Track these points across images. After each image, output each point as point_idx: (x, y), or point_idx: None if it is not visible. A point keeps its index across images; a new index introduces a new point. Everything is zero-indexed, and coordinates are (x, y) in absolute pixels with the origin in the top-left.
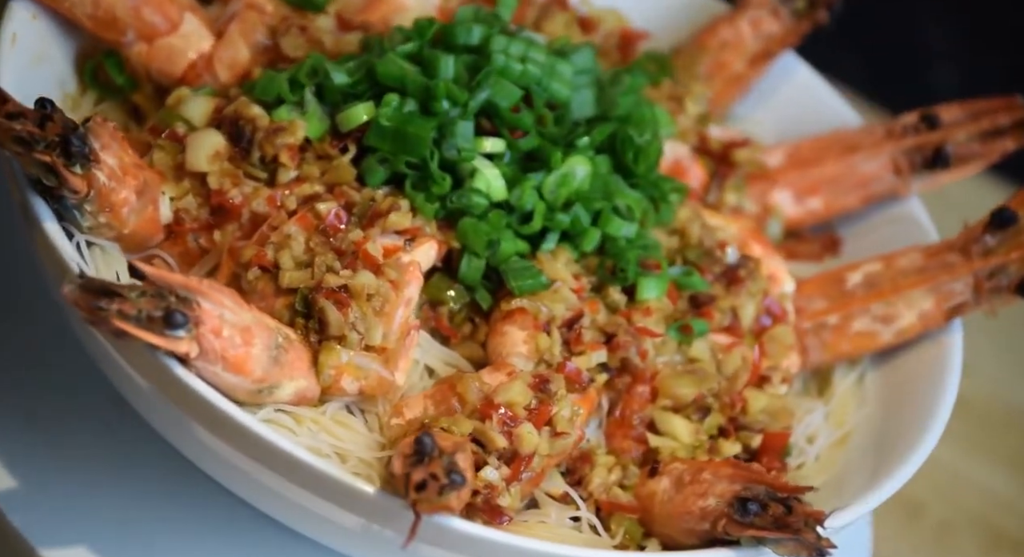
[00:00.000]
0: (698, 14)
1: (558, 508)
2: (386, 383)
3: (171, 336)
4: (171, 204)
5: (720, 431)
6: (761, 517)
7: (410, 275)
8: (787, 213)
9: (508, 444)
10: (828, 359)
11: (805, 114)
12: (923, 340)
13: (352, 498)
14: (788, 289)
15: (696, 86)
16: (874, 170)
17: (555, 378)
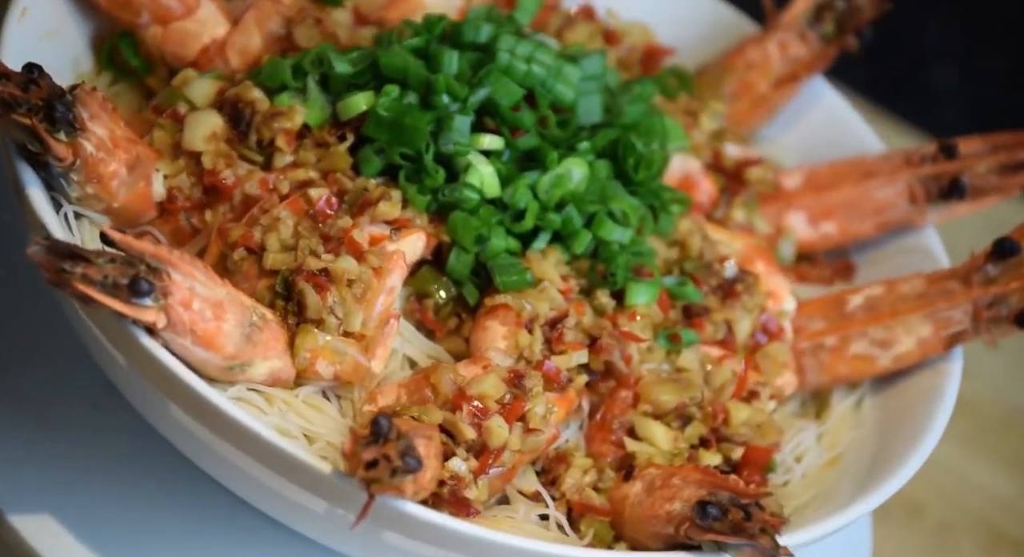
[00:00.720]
0: (728, 34)
1: (527, 505)
2: (362, 370)
3: (137, 304)
4: (165, 182)
5: (701, 441)
6: (721, 522)
7: (393, 264)
8: (801, 236)
9: (477, 436)
10: (826, 381)
11: (831, 140)
12: (922, 367)
13: (309, 477)
14: (788, 308)
15: (713, 102)
16: (890, 197)
17: (532, 375)
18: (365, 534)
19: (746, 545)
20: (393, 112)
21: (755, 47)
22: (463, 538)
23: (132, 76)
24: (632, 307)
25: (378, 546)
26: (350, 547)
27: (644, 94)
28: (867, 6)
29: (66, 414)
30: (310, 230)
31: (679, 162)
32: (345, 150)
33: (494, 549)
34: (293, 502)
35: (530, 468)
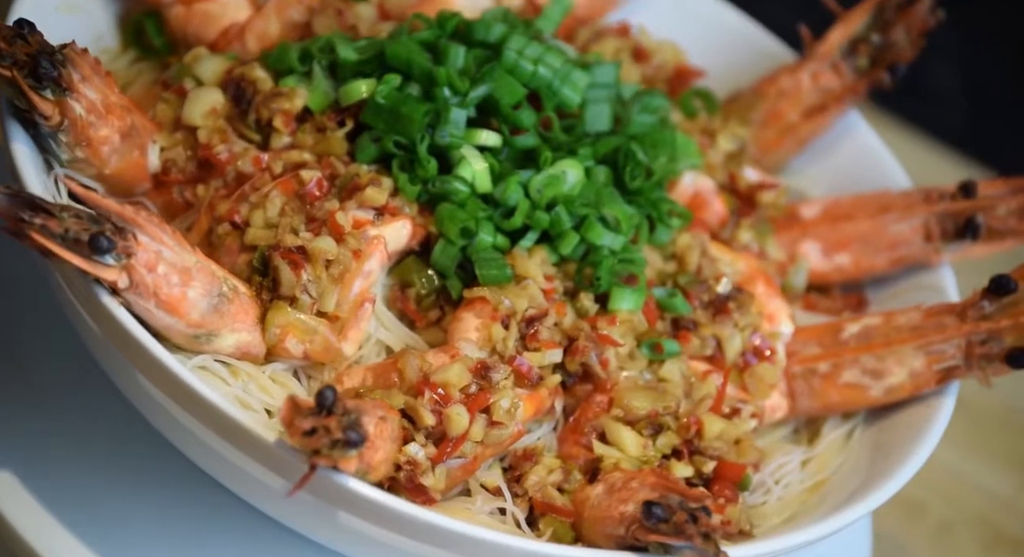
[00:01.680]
0: (765, 62)
1: (486, 497)
2: (333, 350)
3: (97, 261)
4: (161, 154)
5: (674, 452)
6: (665, 523)
7: (373, 248)
8: (814, 265)
9: (437, 423)
10: (817, 408)
11: (860, 175)
12: (915, 402)
13: (255, 446)
14: (784, 331)
15: (734, 125)
16: (904, 233)
17: (500, 368)
18: (321, 513)
19: (687, 547)
20: (391, 100)
21: (788, 76)
22: (407, 519)
23: (155, 55)
24: (614, 312)
25: (335, 527)
26: (310, 526)
27: (653, 106)
28: (903, 45)
29: (67, 414)
30: (297, 210)
31: (691, 179)
32: (343, 136)
33: (440, 534)
34: (253, 477)
35: (497, 464)
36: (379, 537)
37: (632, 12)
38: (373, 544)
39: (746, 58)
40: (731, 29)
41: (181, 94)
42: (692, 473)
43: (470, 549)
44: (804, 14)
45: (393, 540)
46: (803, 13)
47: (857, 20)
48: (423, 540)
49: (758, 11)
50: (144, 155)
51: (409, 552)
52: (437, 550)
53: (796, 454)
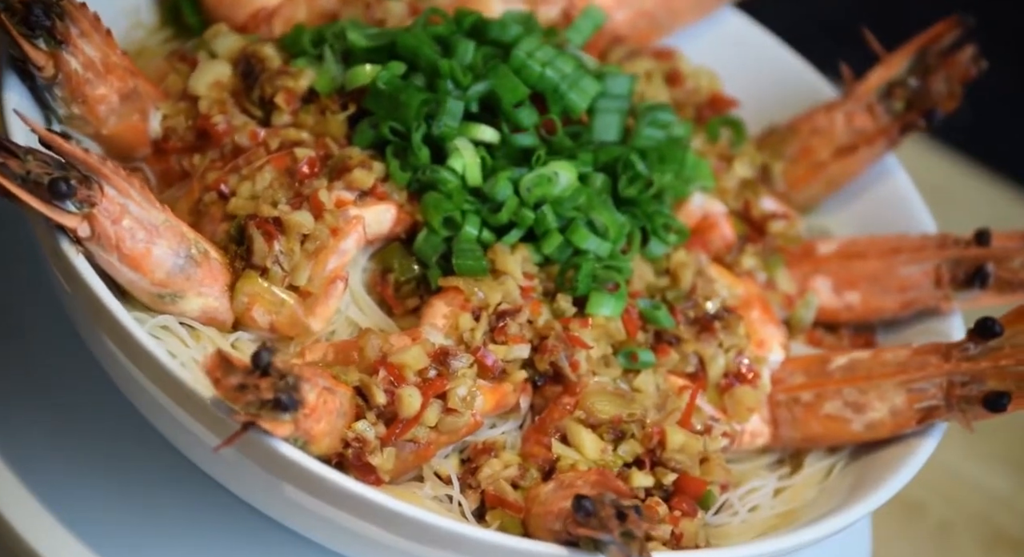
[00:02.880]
0: (807, 97)
1: (436, 484)
2: (299, 324)
3: (57, 206)
4: (163, 122)
5: (637, 461)
6: (593, 517)
7: (351, 228)
8: (824, 301)
9: (388, 403)
10: (800, 438)
11: (889, 218)
12: (897, 441)
13: (192, 402)
14: (774, 358)
15: (755, 154)
16: (915, 276)
17: (461, 357)
18: (267, 485)
19: (610, 542)
20: (391, 87)
21: (823, 114)
22: (341, 491)
23: (189, 34)
24: (590, 316)
25: (282, 501)
26: (257, 498)
27: (662, 121)
28: (942, 92)
29: (66, 414)
30: (285, 186)
31: (701, 201)
32: (344, 119)
33: (375, 511)
34: (199, 438)
35: (456, 455)
36: (325, 513)
37: (683, 41)
38: (325, 524)
39: (790, 93)
40: (779, 63)
41: (193, 65)
42: (652, 483)
43: (397, 525)
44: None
45: (336, 516)
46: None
47: (898, 63)
48: (362, 516)
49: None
50: (145, 120)
51: (356, 531)
52: (375, 528)
53: (771, 481)
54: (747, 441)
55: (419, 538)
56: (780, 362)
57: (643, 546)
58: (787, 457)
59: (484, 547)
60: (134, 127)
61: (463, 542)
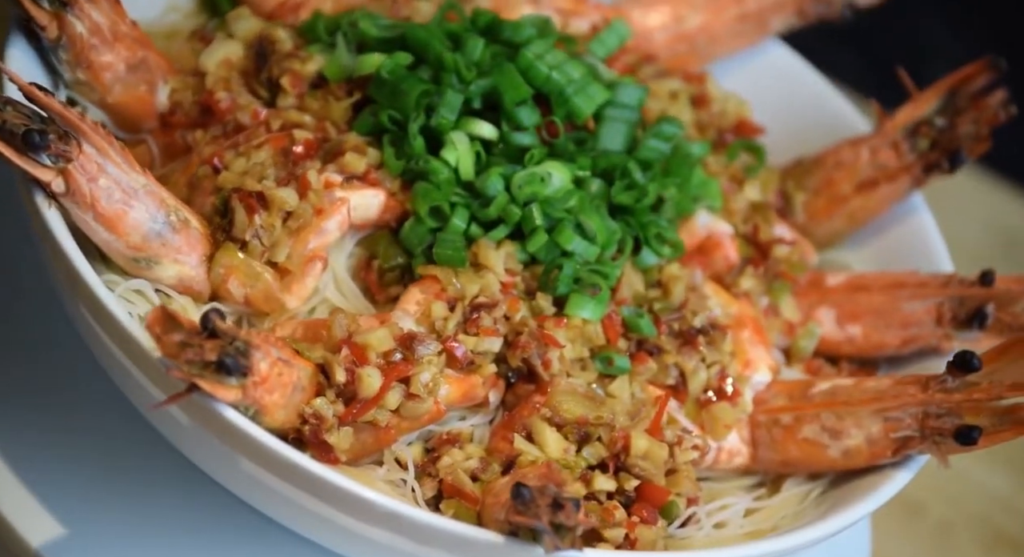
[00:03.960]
0: (841, 130)
1: (393, 468)
2: (274, 300)
3: (31, 158)
4: (171, 96)
5: (601, 464)
6: (529, 506)
7: (335, 209)
8: (826, 332)
9: (348, 381)
10: (778, 461)
11: (911, 260)
12: (873, 471)
13: (142, 358)
14: (759, 379)
15: (773, 180)
16: (917, 312)
17: (429, 344)
18: (222, 457)
19: (543, 531)
20: (394, 76)
21: (849, 148)
22: (279, 460)
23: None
24: (567, 317)
25: (239, 475)
26: (219, 472)
27: (666, 134)
28: (968, 135)
29: (66, 414)
30: (280, 165)
31: (707, 220)
32: (347, 106)
33: (312, 481)
34: (148, 392)
35: (420, 443)
36: (275, 486)
37: (724, 68)
38: (279, 500)
39: (827, 128)
40: (819, 99)
41: (208, 44)
42: (614, 488)
43: (336, 499)
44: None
45: (283, 489)
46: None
47: (928, 102)
48: (303, 487)
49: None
50: (153, 93)
51: (306, 507)
52: (318, 502)
53: (743, 500)
54: (724, 460)
55: (356, 514)
56: (766, 384)
57: (575, 539)
58: (768, 481)
59: (418, 526)
60: (141, 98)
61: (397, 519)
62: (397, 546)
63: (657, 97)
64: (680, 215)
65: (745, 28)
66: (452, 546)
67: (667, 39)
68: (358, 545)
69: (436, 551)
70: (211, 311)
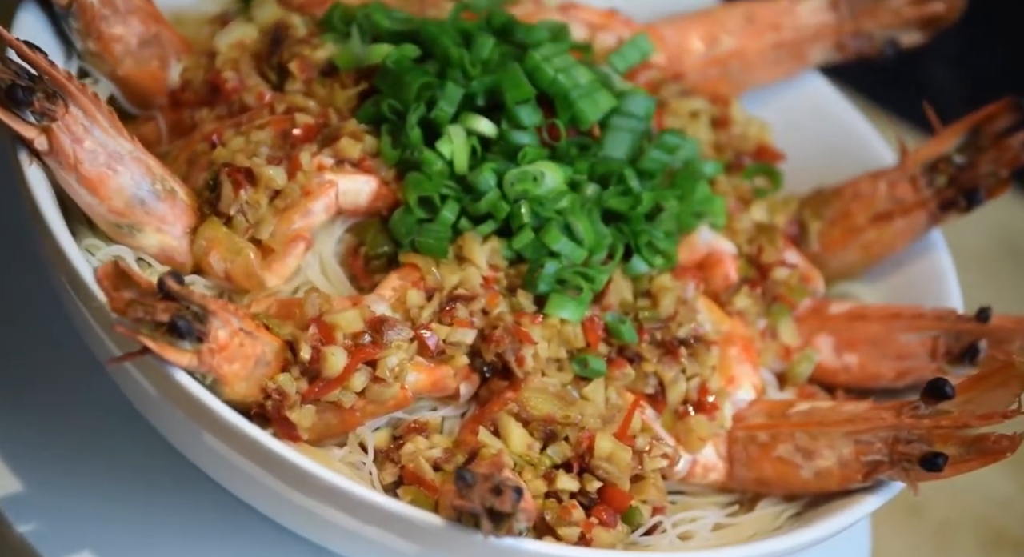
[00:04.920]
0: (869, 166)
1: (354, 450)
2: (254, 277)
3: (14, 113)
4: (182, 74)
5: (566, 464)
6: (470, 489)
7: (322, 191)
8: (823, 359)
9: (313, 360)
10: (753, 479)
11: (924, 298)
12: (843, 495)
13: (103, 317)
14: (742, 397)
15: (788, 206)
16: (912, 345)
17: (399, 329)
18: (187, 429)
19: (479, 514)
20: (398, 67)
21: (869, 180)
22: (236, 433)
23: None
24: (545, 315)
25: (199, 446)
26: (180, 440)
27: (669, 144)
28: (986, 175)
29: (67, 414)
30: (277, 147)
31: (709, 237)
32: (353, 94)
33: (278, 463)
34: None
35: (388, 430)
36: (229, 457)
37: (760, 99)
38: (236, 474)
39: (857, 161)
40: (854, 137)
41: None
42: (576, 488)
43: (282, 472)
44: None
45: (235, 460)
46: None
47: (950, 139)
48: (259, 462)
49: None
50: (164, 69)
51: (269, 487)
52: (272, 478)
53: (714, 515)
54: (700, 474)
55: (302, 487)
56: (748, 402)
57: (512, 526)
58: (745, 501)
59: (361, 504)
60: (152, 74)
61: (339, 495)
62: (353, 529)
63: (677, 115)
64: (681, 229)
65: (781, 57)
66: (396, 527)
67: (699, 61)
68: (310, 523)
69: (385, 533)
70: (168, 273)
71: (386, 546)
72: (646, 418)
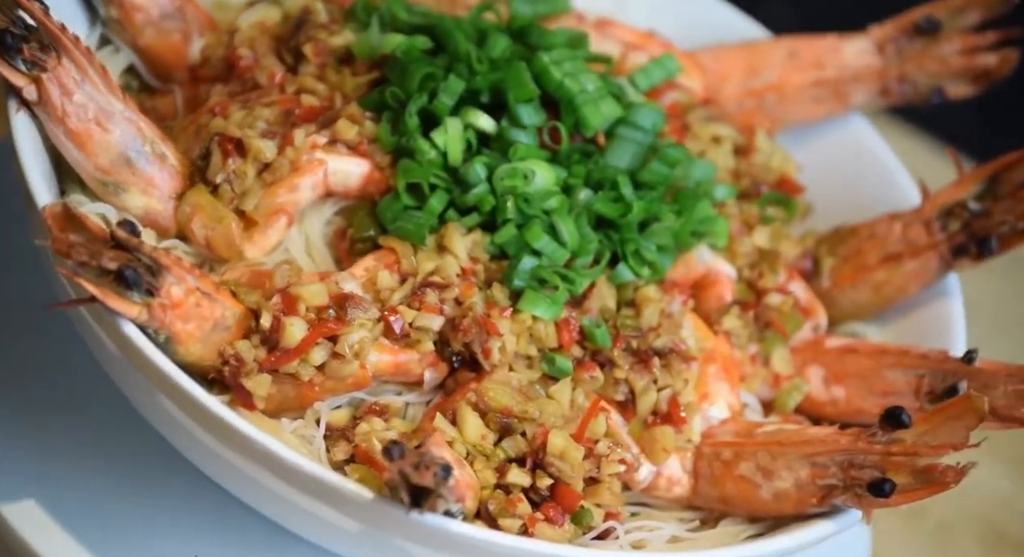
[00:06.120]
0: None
1: (309, 425)
2: (233, 246)
3: (5, 60)
4: (203, 49)
5: (521, 459)
6: (393, 460)
7: (310, 168)
8: (812, 390)
9: (273, 329)
10: (716, 497)
11: (930, 342)
12: (808, 519)
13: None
14: (714, 414)
15: (802, 240)
16: (898, 383)
17: (364, 307)
18: (144, 390)
19: (399, 487)
20: (406, 57)
21: (886, 221)
22: (202, 410)
23: None
24: (517, 310)
25: (155, 407)
26: (138, 400)
27: (670, 158)
28: (1000, 227)
29: (66, 414)
30: (278, 124)
31: (708, 257)
32: (364, 82)
33: (211, 419)
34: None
35: (349, 409)
36: (182, 421)
37: (798, 136)
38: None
39: (888, 205)
40: (886, 177)
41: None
42: (528, 483)
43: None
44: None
45: (188, 424)
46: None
47: (969, 184)
48: (200, 421)
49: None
50: (186, 44)
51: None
52: (209, 436)
53: (671, 527)
54: (664, 486)
55: (237, 448)
56: (720, 420)
57: (433, 504)
58: (711, 520)
59: (288, 468)
60: (173, 47)
61: (268, 457)
62: (290, 498)
63: (698, 138)
64: (679, 246)
65: (821, 95)
66: (329, 498)
67: (736, 91)
68: (254, 492)
69: (320, 505)
70: (121, 223)
71: (327, 521)
72: (612, 423)
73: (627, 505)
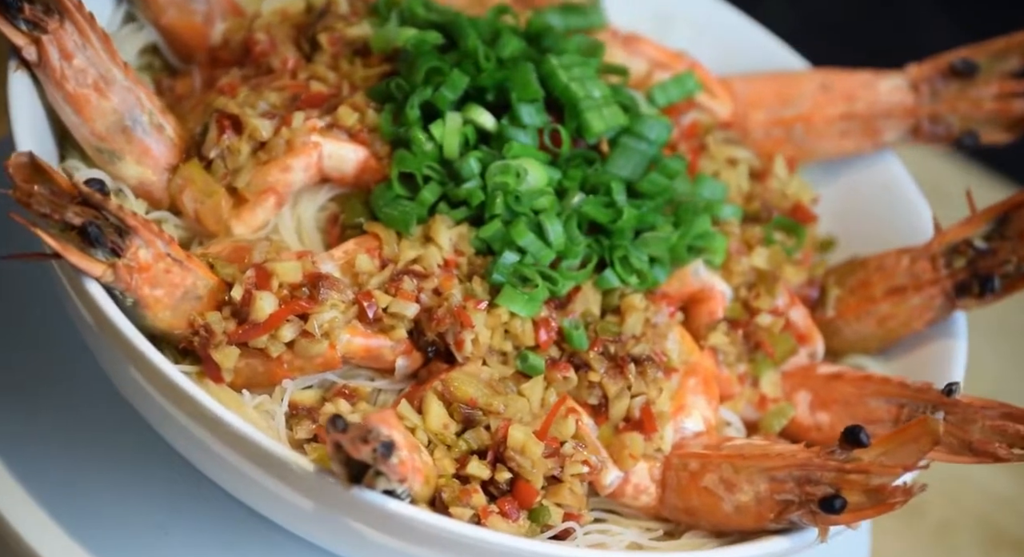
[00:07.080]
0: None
1: (268, 401)
2: (221, 221)
3: (6, 18)
4: (224, 32)
5: (482, 451)
6: (334, 433)
7: (304, 150)
8: (798, 415)
9: (244, 303)
10: (682, 508)
11: (930, 377)
12: (768, 534)
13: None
14: (688, 427)
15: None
16: (879, 410)
17: (339, 287)
18: (116, 363)
19: (333, 459)
20: (415, 50)
21: (896, 254)
22: (151, 368)
23: None
24: (495, 305)
25: (124, 377)
26: (111, 370)
27: (669, 169)
28: (1003, 267)
29: (66, 413)
30: (282, 108)
31: (703, 273)
32: (376, 73)
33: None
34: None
35: (320, 391)
36: (141, 383)
37: (824, 172)
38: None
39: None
40: (912, 217)
41: None
42: (487, 476)
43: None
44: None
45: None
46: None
47: (979, 223)
48: (159, 387)
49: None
50: (209, 26)
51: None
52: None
53: (631, 534)
54: (630, 494)
55: (188, 412)
56: (694, 433)
57: (371, 481)
58: (677, 533)
59: (236, 437)
60: (195, 28)
61: (218, 425)
62: (241, 468)
63: (714, 159)
64: (674, 260)
65: (850, 128)
66: (273, 469)
67: (765, 119)
68: (204, 456)
69: (268, 477)
70: (89, 180)
71: (287, 501)
72: (582, 426)
73: (594, 510)
